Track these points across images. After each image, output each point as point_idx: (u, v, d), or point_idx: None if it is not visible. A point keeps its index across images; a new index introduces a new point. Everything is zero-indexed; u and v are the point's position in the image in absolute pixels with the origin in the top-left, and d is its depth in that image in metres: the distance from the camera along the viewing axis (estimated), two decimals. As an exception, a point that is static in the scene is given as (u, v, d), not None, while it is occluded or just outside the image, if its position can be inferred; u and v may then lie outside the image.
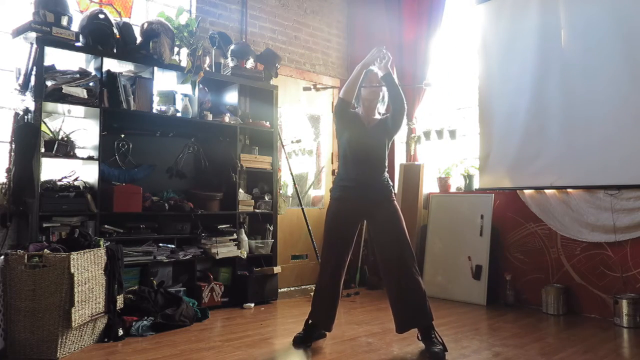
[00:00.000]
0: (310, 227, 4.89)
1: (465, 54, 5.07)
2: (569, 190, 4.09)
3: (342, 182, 3.14)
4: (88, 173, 3.72)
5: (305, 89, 5.04)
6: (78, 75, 3.61)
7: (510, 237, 4.51)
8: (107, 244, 3.26)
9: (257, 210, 4.60)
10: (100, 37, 3.71)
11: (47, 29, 3.42)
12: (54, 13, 3.47)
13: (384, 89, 3.23)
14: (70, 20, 3.57)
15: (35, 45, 3.42)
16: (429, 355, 2.89)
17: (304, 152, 5.69)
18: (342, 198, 3.13)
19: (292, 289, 5.16)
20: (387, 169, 3.18)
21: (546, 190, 4.22)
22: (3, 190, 3.42)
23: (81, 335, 3.00)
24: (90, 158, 3.67)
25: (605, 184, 3.86)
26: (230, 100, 4.62)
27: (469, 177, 4.86)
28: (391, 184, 3.19)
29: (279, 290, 4.68)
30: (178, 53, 4.18)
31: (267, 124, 4.69)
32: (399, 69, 5.24)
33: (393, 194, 3.17)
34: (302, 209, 4.91)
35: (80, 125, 3.74)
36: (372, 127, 3.17)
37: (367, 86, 3.21)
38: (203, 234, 4.18)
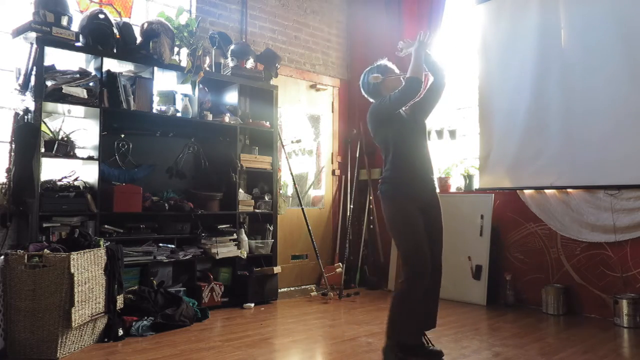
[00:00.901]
0: (310, 227, 4.89)
1: (465, 54, 5.07)
2: (569, 190, 4.09)
3: (402, 178, 2.87)
4: (88, 173, 3.72)
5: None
6: (78, 75, 3.61)
7: (510, 237, 4.51)
8: (107, 244, 3.26)
9: (257, 210, 4.60)
10: (100, 37, 3.71)
11: (47, 29, 3.42)
12: (54, 13, 3.47)
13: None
14: (70, 20, 3.57)
15: (35, 45, 3.42)
16: (430, 354, 2.89)
17: (304, 152, 5.69)
18: (407, 195, 2.85)
19: (292, 289, 5.16)
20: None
21: (546, 190, 4.21)
22: (3, 190, 3.42)
23: (81, 335, 3.00)
24: (90, 158, 3.67)
25: (605, 184, 3.86)
26: (230, 100, 4.62)
27: (469, 177, 4.86)
28: None
29: (279, 290, 4.68)
30: (178, 53, 4.18)
31: (267, 124, 4.69)
32: (398, 69, 5.23)
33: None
34: (302, 209, 4.91)
35: (80, 125, 3.74)
36: (410, 118, 3.02)
37: (394, 75, 3.03)
38: (203, 234, 4.18)
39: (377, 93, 3.04)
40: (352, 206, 5.54)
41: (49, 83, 3.46)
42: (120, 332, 3.23)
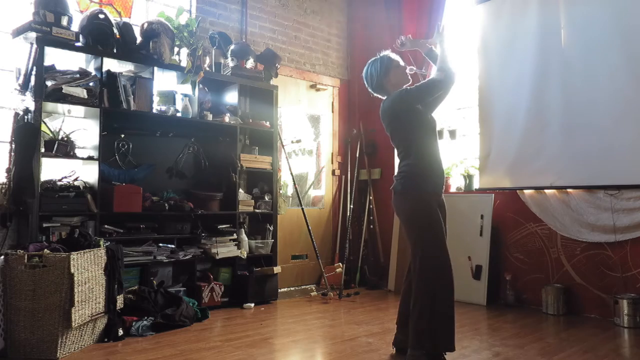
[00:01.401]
0: (310, 227, 4.89)
1: (465, 53, 5.07)
2: (569, 190, 4.09)
3: (424, 173, 2.80)
4: (88, 173, 3.72)
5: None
6: (78, 75, 3.61)
7: (510, 237, 4.51)
8: (107, 244, 3.26)
9: (257, 210, 4.60)
10: (100, 37, 3.71)
11: (47, 29, 3.42)
12: (54, 13, 3.47)
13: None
14: (70, 20, 3.57)
15: (35, 45, 3.42)
16: None
17: (304, 152, 5.69)
18: (429, 191, 2.78)
19: (292, 289, 5.15)
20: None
21: (546, 190, 4.22)
22: (3, 190, 3.41)
23: (81, 335, 3.00)
24: (90, 158, 3.67)
25: (605, 184, 3.86)
26: (230, 100, 4.62)
27: (469, 177, 4.86)
28: None
29: (279, 290, 4.68)
30: (178, 53, 4.18)
31: (267, 124, 4.69)
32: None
33: None
34: (302, 209, 4.91)
35: (80, 125, 3.74)
36: (426, 113, 2.94)
37: (402, 68, 2.97)
38: (203, 234, 4.18)
39: (381, 87, 2.98)
40: (352, 206, 5.54)
41: (49, 83, 3.46)
42: (120, 332, 3.23)
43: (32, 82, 3.43)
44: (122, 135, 4.07)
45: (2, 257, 2.88)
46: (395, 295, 4.83)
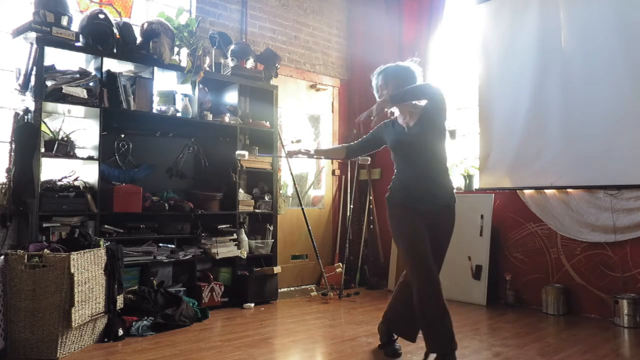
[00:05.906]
0: (310, 227, 4.89)
1: (465, 53, 5.07)
2: (569, 190, 4.09)
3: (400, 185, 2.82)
4: (88, 173, 3.72)
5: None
6: (78, 75, 3.61)
7: (510, 237, 4.51)
8: (107, 244, 3.26)
9: (257, 210, 4.60)
10: (100, 37, 3.71)
11: (47, 29, 3.42)
12: (54, 13, 3.47)
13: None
14: (70, 20, 3.58)
15: (35, 45, 3.43)
16: (387, 349, 2.99)
17: (304, 152, 5.68)
18: (402, 202, 2.79)
19: (292, 289, 5.16)
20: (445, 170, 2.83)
21: (546, 190, 4.22)
22: (3, 190, 3.42)
23: (81, 335, 3.00)
24: (90, 158, 3.67)
25: (605, 184, 3.86)
26: (230, 100, 4.62)
27: (469, 177, 4.85)
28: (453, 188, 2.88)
29: (279, 290, 4.68)
30: (178, 53, 4.18)
31: (267, 124, 4.69)
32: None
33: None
34: (302, 209, 4.91)
35: (80, 125, 3.74)
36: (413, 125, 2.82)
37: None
38: (203, 234, 4.18)
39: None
40: (352, 206, 5.54)
41: (49, 83, 3.46)
42: (120, 332, 3.23)
43: (32, 82, 3.43)
44: (122, 135, 4.08)
45: (2, 257, 2.88)
46: (395, 295, 4.82)
